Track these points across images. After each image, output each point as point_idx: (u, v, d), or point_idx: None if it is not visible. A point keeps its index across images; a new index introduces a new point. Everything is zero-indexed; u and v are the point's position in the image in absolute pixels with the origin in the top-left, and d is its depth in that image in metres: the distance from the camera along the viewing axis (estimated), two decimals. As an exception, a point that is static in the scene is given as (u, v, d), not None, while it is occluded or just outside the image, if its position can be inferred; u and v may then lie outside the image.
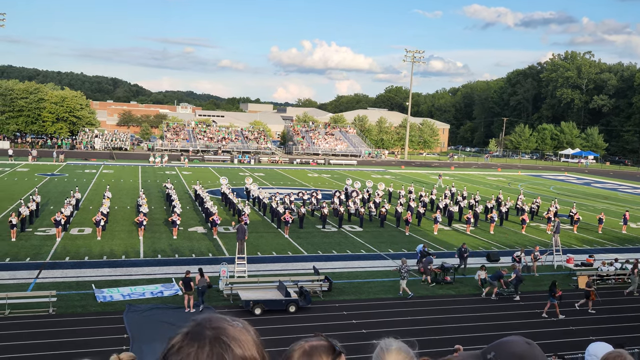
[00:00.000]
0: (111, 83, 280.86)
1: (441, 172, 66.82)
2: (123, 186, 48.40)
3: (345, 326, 19.09)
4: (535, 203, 43.76)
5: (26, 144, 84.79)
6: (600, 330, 19.51)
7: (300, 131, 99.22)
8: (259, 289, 21.61)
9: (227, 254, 27.63)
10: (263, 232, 33.01)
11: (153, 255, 27.03)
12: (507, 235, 35.92)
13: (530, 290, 24.31)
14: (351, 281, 24.34)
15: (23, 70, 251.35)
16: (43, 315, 18.72)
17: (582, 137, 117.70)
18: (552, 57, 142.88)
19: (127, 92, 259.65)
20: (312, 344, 1.69)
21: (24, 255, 25.67)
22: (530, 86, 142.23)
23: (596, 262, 28.68)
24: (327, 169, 77.23)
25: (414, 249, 30.33)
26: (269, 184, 54.27)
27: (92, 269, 24.19)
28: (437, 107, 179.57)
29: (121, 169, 62.20)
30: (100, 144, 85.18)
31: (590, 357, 2.85)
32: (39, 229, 30.98)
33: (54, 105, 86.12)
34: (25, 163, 62.85)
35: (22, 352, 15.92)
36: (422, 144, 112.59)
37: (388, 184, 52.20)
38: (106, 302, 20.27)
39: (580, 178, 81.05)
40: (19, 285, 21.53)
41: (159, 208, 38.67)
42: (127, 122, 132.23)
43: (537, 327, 19.89)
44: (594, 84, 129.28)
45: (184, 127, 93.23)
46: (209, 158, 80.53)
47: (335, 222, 35.95)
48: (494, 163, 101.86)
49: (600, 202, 54.21)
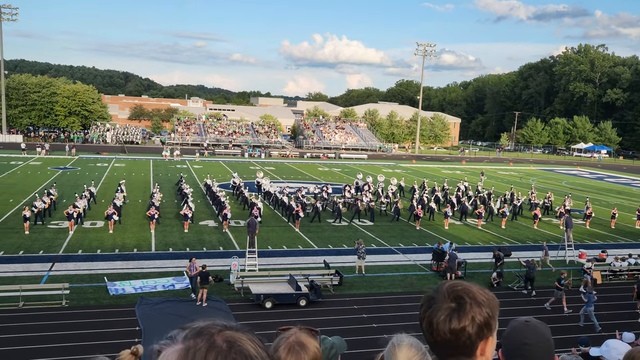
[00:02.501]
0: (123, 77, 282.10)
1: (483, 169, 64.57)
2: (135, 180, 48.64)
3: (355, 320, 19.09)
4: (547, 198, 43.43)
5: (39, 138, 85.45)
6: (614, 326, 19.34)
7: (311, 125, 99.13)
8: (270, 282, 21.66)
9: (238, 247, 27.71)
10: (274, 225, 33.06)
11: (164, 248, 27.17)
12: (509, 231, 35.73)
13: (542, 285, 24.16)
14: (362, 275, 24.32)
15: (35, 65, 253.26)
16: (56, 307, 18.88)
17: (595, 132, 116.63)
18: (565, 50, 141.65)
19: (139, 86, 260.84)
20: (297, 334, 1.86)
21: (37, 248, 25.90)
22: (543, 80, 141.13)
23: (609, 257, 28.45)
24: (338, 162, 77.14)
25: (424, 244, 30.27)
26: (280, 178, 54.30)
27: (105, 262, 24.36)
28: (448, 101, 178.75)
29: (133, 163, 62.52)
30: (112, 137, 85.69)
31: (609, 352, 2.81)
32: (52, 222, 31.23)
33: (66, 99, 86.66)
34: (37, 157, 63.34)
35: (36, 344, 16.07)
36: (433, 138, 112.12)
37: (399, 178, 52.07)
38: (118, 295, 20.41)
39: (593, 173, 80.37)
40: (32, 277, 21.74)
41: (170, 201, 38.84)
42: (139, 116, 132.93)
43: (550, 323, 19.74)
44: (608, 77, 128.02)
45: (195, 121, 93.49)
46: (220, 152, 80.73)
47: (346, 217, 35.89)
48: (506, 157, 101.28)
49: (613, 197, 53.75)
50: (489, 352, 1.68)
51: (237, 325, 1.28)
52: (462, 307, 1.64)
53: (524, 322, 1.78)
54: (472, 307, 1.64)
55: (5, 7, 79.37)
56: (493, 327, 1.68)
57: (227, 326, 1.26)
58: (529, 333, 1.77)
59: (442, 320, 1.63)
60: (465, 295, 1.66)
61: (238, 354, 1.20)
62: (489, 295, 1.71)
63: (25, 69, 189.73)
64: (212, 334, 1.22)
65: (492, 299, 1.71)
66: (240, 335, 1.24)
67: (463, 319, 1.62)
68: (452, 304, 1.65)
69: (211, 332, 1.22)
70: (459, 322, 1.62)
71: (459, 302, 1.65)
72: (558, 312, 21.00)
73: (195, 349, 1.19)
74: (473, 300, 1.65)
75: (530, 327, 1.79)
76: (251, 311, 19.44)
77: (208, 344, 1.20)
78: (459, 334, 1.62)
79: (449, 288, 1.70)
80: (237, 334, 1.24)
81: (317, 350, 1.88)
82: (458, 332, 1.62)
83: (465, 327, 1.62)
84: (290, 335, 1.90)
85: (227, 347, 1.19)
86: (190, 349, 1.19)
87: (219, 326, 1.25)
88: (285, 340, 1.89)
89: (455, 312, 1.63)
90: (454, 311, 1.63)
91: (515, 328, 1.79)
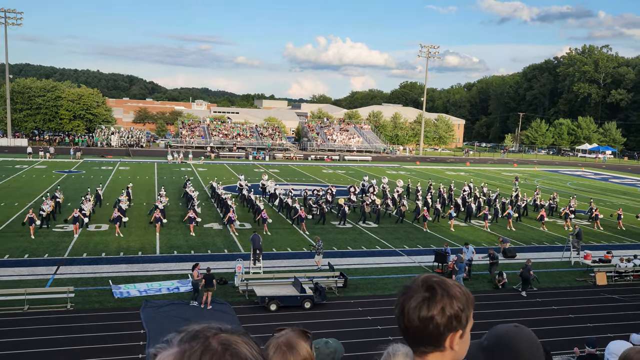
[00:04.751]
0: (127, 80, 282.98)
1: (518, 175, 62.91)
2: (139, 183, 48.74)
3: (360, 322, 19.07)
4: (553, 199, 43.31)
5: (44, 142, 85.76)
6: (617, 327, 19.28)
7: (315, 127, 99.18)
8: (274, 285, 21.65)
9: (243, 250, 27.72)
10: (278, 228, 33.06)
11: (169, 251, 27.20)
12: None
13: (547, 287, 24.09)
14: (366, 277, 24.31)
15: (40, 69, 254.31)
16: (61, 311, 18.92)
17: (599, 132, 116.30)
18: (569, 51, 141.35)
19: (143, 90, 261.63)
20: (288, 335, 1.91)
21: (42, 251, 25.97)
22: (547, 81, 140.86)
23: (614, 258, 28.33)
24: (342, 165, 77.14)
25: (429, 245, 30.23)
26: (284, 180, 54.33)
27: (109, 265, 24.40)
28: (452, 103, 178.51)
29: (137, 166, 62.66)
30: (117, 141, 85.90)
31: (611, 356, 2.81)
32: (57, 225, 31.31)
33: (71, 103, 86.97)
34: (42, 160, 63.53)
35: (41, 347, 16.11)
36: (437, 140, 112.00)
37: (405, 180, 52.03)
38: (123, 298, 20.44)
39: (597, 173, 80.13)
40: (37, 281, 21.79)
41: (175, 205, 38.89)
42: (143, 119, 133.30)
43: (551, 324, 19.71)
44: (612, 78, 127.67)
45: (199, 123, 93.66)
46: (224, 155, 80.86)
47: (351, 219, 35.85)
48: (510, 158, 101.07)
49: (618, 198, 53.57)
50: (457, 347, 1.74)
51: (232, 328, 1.29)
52: (433, 297, 1.72)
53: (513, 326, 1.82)
54: (443, 298, 1.72)
55: (10, 12, 79.83)
56: (464, 322, 1.74)
57: (223, 329, 1.27)
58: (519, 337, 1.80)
59: (413, 307, 1.72)
60: (438, 286, 1.74)
61: (233, 356, 1.21)
62: (464, 290, 1.78)
63: (30, 73, 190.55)
64: (207, 337, 1.24)
65: (466, 294, 1.77)
66: (235, 338, 1.26)
67: (432, 308, 1.70)
68: (425, 294, 1.73)
69: (206, 335, 1.24)
70: (428, 311, 1.70)
71: (431, 292, 1.73)
72: (561, 314, 20.93)
73: (191, 352, 1.20)
74: (445, 292, 1.73)
75: (520, 331, 1.82)
76: (256, 314, 19.44)
77: (203, 347, 1.21)
78: (427, 322, 1.70)
79: (424, 279, 1.78)
80: (232, 337, 1.25)
81: (308, 353, 1.90)
82: (426, 320, 1.70)
83: (433, 316, 1.70)
84: (280, 335, 1.92)
85: (222, 349, 1.21)
86: (186, 352, 1.20)
87: (214, 329, 1.26)
88: (275, 339, 1.92)
89: (426, 301, 1.72)
90: (425, 300, 1.72)
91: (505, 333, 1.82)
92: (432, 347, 1.74)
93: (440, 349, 1.74)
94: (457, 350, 1.76)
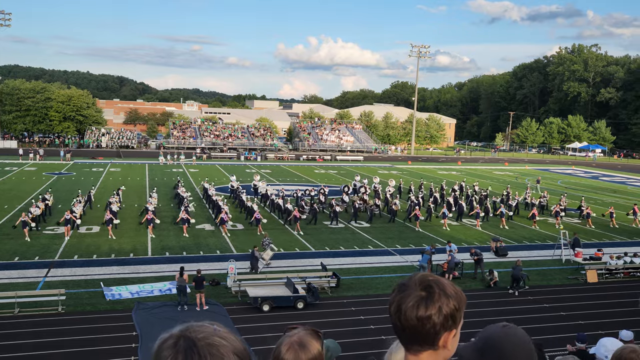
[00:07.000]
0: (117, 81, 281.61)
1: (539, 177, 62.25)
2: (130, 184, 48.54)
3: (353, 322, 19.08)
4: (543, 197, 43.59)
5: (34, 144, 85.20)
6: (610, 324, 19.41)
7: (307, 127, 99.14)
8: (267, 285, 21.63)
9: (235, 251, 27.67)
10: (270, 228, 33.00)
11: (161, 252, 27.10)
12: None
13: (538, 285, 24.22)
14: (359, 277, 24.33)
15: (29, 70, 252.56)
16: (52, 313, 18.80)
17: (589, 131, 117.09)
18: (559, 50, 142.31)
19: (134, 91, 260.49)
20: (300, 334, 1.91)
21: (32, 254, 25.79)
22: (537, 80, 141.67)
23: (605, 255, 28.52)
24: (334, 165, 77.17)
25: (421, 245, 30.29)
26: (276, 181, 54.28)
27: (101, 267, 24.27)
28: (444, 102, 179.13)
29: (128, 167, 62.38)
30: (107, 142, 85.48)
31: (601, 351, 2.83)
32: (48, 227, 31.12)
33: (61, 105, 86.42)
34: (32, 162, 63.11)
35: (32, 351, 16.00)
36: (429, 139, 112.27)
37: (397, 179, 52.12)
38: (115, 300, 20.34)
39: (587, 171, 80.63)
40: (28, 284, 21.63)
41: (167, 206, 38.76)
42: (134, 121, 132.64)
43: (543, 322, 19.82)
44: (601, 77, 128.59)
45: (190, 124, 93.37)
46: (216, 155, 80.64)
47: (343, 219, 35.87)
48: (501, 157, 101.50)
49: (608, 196, 53.93)
50: (450, 345, 1.76)
51: (215, 327, 1.32)
52: (431, 296, 1.72)
53: (500, 326, 1.83)
54: (441, 297, 1.72)
55: (-1, 13, 79.18)
56: (458, 321, 1.76)
57: (206, 327, 1.31)
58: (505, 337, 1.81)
59: (411, 306, 1.72)
60: (435, 285, 1.75)
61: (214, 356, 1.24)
62: (457, 289, 1.79)
63: (19, 74, 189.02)
64: (189, 337, 1.27)
65: (460, 293, 1.79)
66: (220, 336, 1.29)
67: (430, 307, 1.70)
68: (422, 293, 1.73)
69: (188, 336, 1.28)
70: (426, 310, 1.70)
71: (428, 291, 1.73)
72: (553, 312, 21.05)
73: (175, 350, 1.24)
74: (442, 291, 1.73)
75: (507, 331, 1.83)
76: (249, 314, 19.41)
77: (185, 345, 1.24)
78: (424, 321, 1.70)
79: (420, 277, 1.78)
80: (215, 335, 1.29)
81: (319, 353, 1.91)
82: (424, 319, 1.70)
83: (431, 316, 1.70)
84: (293, 334, 1.93)
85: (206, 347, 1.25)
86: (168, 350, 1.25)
87: (197, 327, 1.31)
88: (288, 338, 1.93)
89: (424, 300, 1.72)
90: (423, 299, 1.72)
91: (491, 333, 1.83)
92: (427, 346, 1.75)
93: (434, 348, 1.75)
94: (450, 349, 1.77)
